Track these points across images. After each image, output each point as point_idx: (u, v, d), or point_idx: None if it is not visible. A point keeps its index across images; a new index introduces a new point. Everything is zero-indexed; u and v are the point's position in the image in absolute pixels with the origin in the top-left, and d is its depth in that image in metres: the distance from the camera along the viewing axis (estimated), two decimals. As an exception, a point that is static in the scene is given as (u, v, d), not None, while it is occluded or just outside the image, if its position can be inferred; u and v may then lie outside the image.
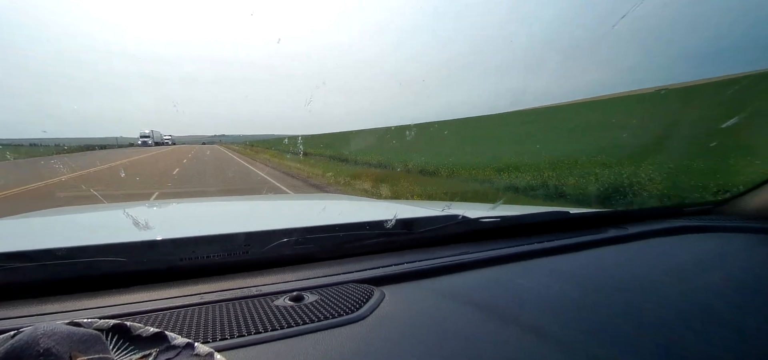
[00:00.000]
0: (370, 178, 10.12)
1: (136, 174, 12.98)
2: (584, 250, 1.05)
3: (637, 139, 11.84)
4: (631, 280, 0.87)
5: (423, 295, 0.79)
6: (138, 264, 0.81)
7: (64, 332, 0.42)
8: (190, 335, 0.60)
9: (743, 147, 7.33)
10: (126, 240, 0.86)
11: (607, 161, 8.55)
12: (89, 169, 13.70)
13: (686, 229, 1.20)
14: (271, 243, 0.90)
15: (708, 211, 1.34)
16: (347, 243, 0.99)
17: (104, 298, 0.73)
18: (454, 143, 21.07)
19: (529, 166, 9.54)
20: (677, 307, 0.72)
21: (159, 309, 0.70)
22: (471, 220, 1.10)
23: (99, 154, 28.61)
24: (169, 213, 1.73)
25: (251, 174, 13.56)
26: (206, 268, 0.85)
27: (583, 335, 0.63)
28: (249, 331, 0.63)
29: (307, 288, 0.79)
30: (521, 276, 0.88)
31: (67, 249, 0.78)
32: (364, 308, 0.71)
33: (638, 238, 1.14)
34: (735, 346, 0.62)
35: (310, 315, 0.68)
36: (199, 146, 42.30)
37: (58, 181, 10.84)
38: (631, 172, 6.79)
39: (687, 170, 6.84)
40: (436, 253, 0.98)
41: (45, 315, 0.67)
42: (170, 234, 0.92)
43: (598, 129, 16.60)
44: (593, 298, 0.77)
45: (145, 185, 9.88)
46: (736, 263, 0.97)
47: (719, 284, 0.84)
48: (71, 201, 7.15)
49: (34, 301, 0.71)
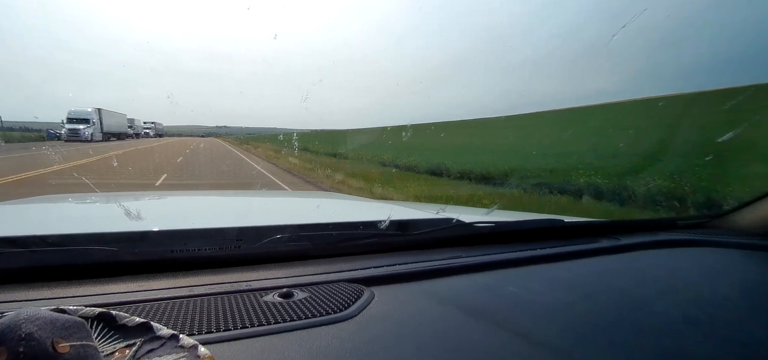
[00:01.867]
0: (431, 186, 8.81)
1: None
2: (577, 259, 1.05)
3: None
4: (623, 291, 0.87)
5: (413, 297, 0.79)
6: (129, 254, 0.80)
7: (47, 318, 0.42)
8: (177, 327, 0.60)
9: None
10: (118, 229, 0.86)
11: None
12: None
13: (679, 242, 1.20)
14: (263, 239, 0.90)
15: (701, 225, 1.34)
16: (340, 242, 0.99)
17: (93, 286, 0.73)
18: (480, 143, 20.20)
19: (577, 168, 9.03)
20: (667, 319, 0.72)
21: (147, 300, 0.69)
22: (465, 224, 1.10)
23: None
24: (163, 205, 1.73)
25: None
26: (197, 261, 0.85)
27: (574, 343, 0.63)
28: (236, 326, 0.62)
29: (297, 285, 0.79)
30: (513, 282, 0.88)
31: (58, 236, 0.77)
32: (353, 307, 0.70)
33: (631, 249, 1.14)
34: (724, 359, 0.62)
35: (298, 312, 0.68)
36: (197, 140, 40.67)
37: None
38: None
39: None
40: (428, 256, 0.98)
41: (32, 301, 0.67)
42: (163, 225, 0.91)
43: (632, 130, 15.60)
44: (584, 306, 0.77)
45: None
46: (728, 278, 0.97)
47: (711, 298, 0.84)
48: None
49: (21, 287, 0.70)
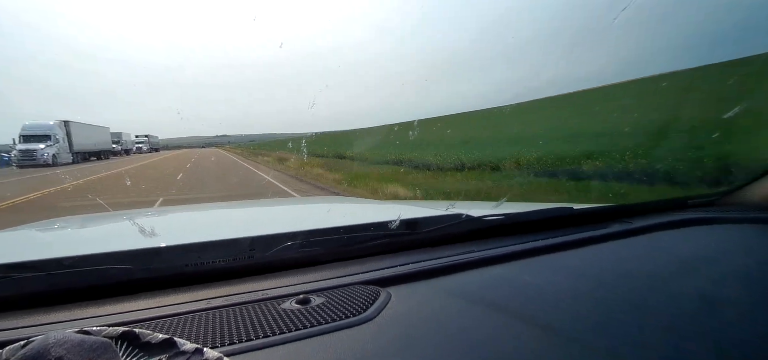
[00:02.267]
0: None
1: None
2: (589, 246, 1.05)
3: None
4: (637, 274, 0.87)
5: (429, 294, 0.79)
6: (144, 271, 0.81)
7: (76, 340, 0.43)
8: (198, 341, 0.60)
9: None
10: (132, 247, 0.87)
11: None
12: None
13: (690, 221, 1.19)
14: (275, 246, 0.90)
15: (712, 203, 1.33)
16: (352, 244, 0.99)
17: (112, 305, 0.73)
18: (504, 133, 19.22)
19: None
20: (683, 300, 0.72)
21: (166, 315, 0.70)
22: (475, 218, 1.10)
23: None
24: (174, 219, 1.74)
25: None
26: (212, 274, 0.85)
27: (591, 330, 0.63)
28: (256, 335, 0.63)
29: (313, 290, 0.80)
30: (527, 273, 0.88)
31: (73, 258, 0.78)
32: (371, 309, 0.71)
33: (643, 232, 1.13)
34: (742, 337, 0.61)
35: (317, 317, 0.68)
36: (197, 154, 39.38)
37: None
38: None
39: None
40: (440, 253, 0.98)
41: (54, 324, 0.67)
42: (176, 240, 0.92)
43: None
44: (599, 292, 0.77)
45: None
46: (741, 254, 0.97)
47: (725, 276, 0.84)
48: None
49: (42, 311, 0.71)
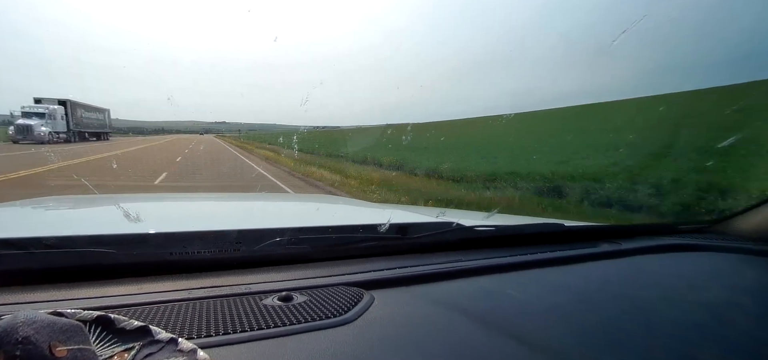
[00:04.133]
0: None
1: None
2: (576, 264, 1.05)
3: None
4: (622, 296, 0.86)
5: (413, 300, 0.78)
6: (127, 256, 0.80)
7: (45, 321, 0.41)
8: (176, 331, 0.59)
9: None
10: (116, 232, 0.85)
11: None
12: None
13: (679, 247, 1.20)
14: (262, 242, 0.89)
15: (702, 230, 1.34)
16: (339, 245, 0.98)
17: (91, 289, 0.72)
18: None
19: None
20: (667, 324, 0.72)
21: (146, 303, 0.69)
22: (465, 227, 1.10)
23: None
24: (162, 207, 1.72)
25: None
26: (196, 264, 0.84)
27: (574, 348, 0.63)
28: (235, 329, 0.62)
29: (296, 288, 0.79)
30: (512, 287, 0.88)
31: (56, 238, 0.77)
32: (353, 311, 0.70)
33: (631, 254, 1.13)
34: None
35: (298, 315, 0.67)
36: (195, 140, 38.82)
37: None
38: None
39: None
40: (428, 260, 0.98)
41: (29, 304, 0.66)
42: (162, 228, 0.91)
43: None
44: (584, 311, 0.77)
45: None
46: (728, 284, 0.97)
47: (710, 304, 0.84)
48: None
49: (18, 290, 0.70)
